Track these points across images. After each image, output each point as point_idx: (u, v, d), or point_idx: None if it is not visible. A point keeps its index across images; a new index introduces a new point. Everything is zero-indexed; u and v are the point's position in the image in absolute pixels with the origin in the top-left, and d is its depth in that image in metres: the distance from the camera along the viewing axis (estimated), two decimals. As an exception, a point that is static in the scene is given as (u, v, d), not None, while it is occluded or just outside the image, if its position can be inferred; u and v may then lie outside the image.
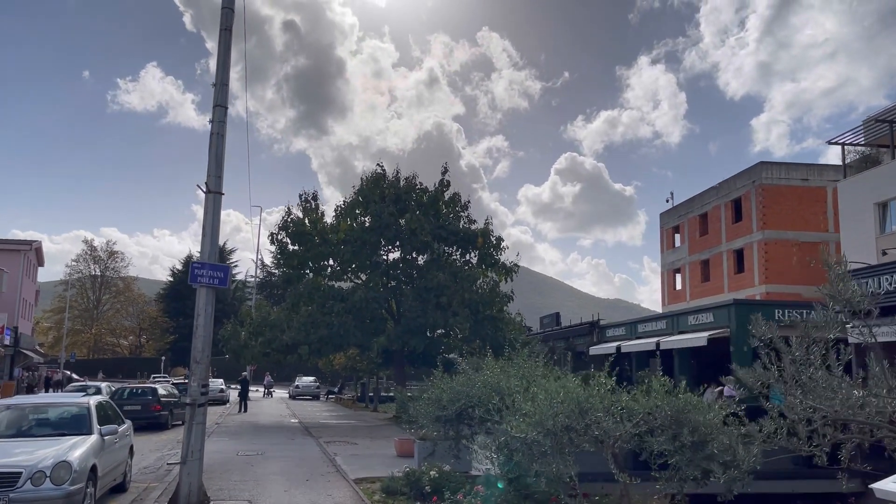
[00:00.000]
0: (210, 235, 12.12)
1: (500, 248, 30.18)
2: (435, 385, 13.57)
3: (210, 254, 12.11)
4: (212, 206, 12.20)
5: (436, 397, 13.18)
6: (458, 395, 12.60)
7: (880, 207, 37.79)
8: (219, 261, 12.33)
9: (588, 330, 40.48)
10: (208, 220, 12.16)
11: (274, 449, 20.54)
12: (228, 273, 12.11)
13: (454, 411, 12.59)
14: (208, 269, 11.99)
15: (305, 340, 26.94)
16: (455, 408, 12.53)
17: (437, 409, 13.03)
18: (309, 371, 58.74)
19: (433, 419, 13.16)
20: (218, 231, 12.27)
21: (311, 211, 29.89)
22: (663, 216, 59.34)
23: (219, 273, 12.08)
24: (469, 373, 13.55)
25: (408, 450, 17.93)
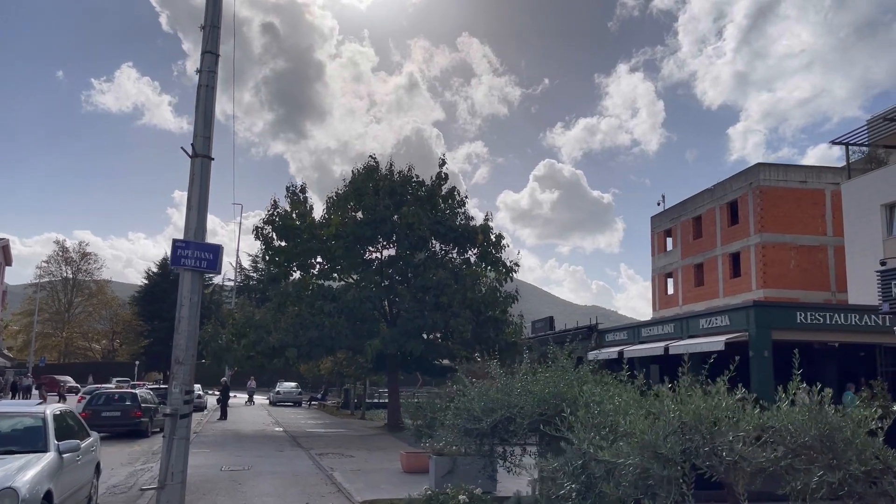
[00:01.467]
0: (197, 209, 9.81)
1: (501, 245, 28.02)
2: (464, 393, 11.32)
3: (197, 231, 9.79)
4: (199, 173, 9.89)
5: (465, 407, 10.93)
6: (496, 404, 10.38)
7: (888, 209, 36.23)
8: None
9: (586, 334, 38.39)
10: (195, 189, 9.85)
11: (262, 463, 18.14)
12: (220, 254, 9.81)
13: (489, 424, 10.36)
14: (194, 249, 9.67)
15: (294, 342, 24.53)
16: (491, 419, 10.31)
17: (466, 420, 10.80)
18: (291, 376, 56.06)
19: (462, 432, 10.93)
20: (206, 203, 9.95)
21: (299, 204, 27.49)
22: (654, 219, 57.64)
23: (207, 254, 9.76)
24: (503, 378, 11.34)
25: (417, 465, 15.65)
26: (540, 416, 10.01)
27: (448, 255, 28.89)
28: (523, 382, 10.56)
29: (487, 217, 28.27)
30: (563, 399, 10.02)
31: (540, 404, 10.03)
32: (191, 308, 9.64)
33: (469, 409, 10.83)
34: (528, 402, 10.04)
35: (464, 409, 10.95)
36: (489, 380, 15.31)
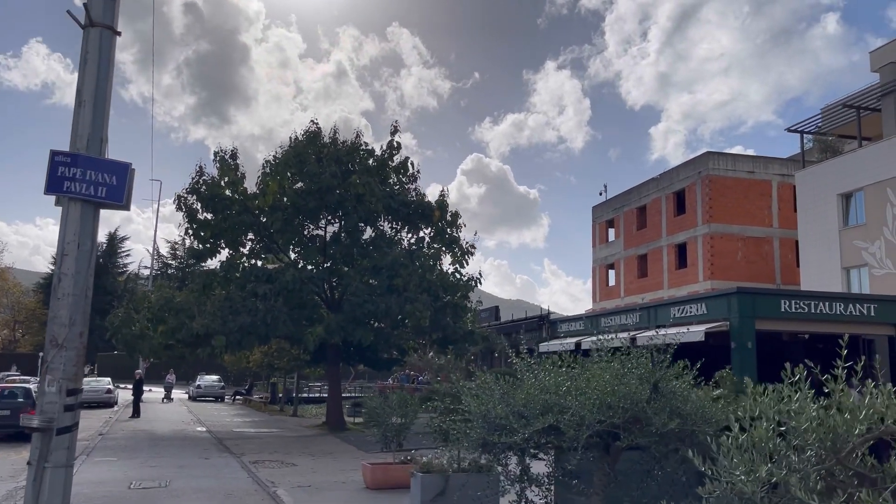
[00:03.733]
0: (92, 105, 6.17)
1: (458, 224, 24.77)
2: (485, 391, 7.96)
3: (91, 139, 6.14)
4: (97, 50, 6.24)
5: (482, 412, 7.62)
6: (540, 407, 7.12)
7: (844, 199, 34.83)
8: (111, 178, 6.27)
9: (537, 325, 35.69)
10: (89, 75, 6.20)
11: (183, 476, 14.36)
12: (129, 179, 6.19)
13: (526, 436, 7.09)
14: (87, 168, 6.04)
15: (222, 329, 20.62)
16: (531, 430, 7.03)
17: (486, 430, 7.50)
18: (213, 369, 51.34)
19: (478, 443, 7.62)
20: (107, 100, 6.32)
21: (230, 170, 23.48)
22: (596, 209, 55.65)
23: (108, 176, 6.13)
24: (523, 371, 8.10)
25: (386, 480, 12.26)
26: (605, 426, 6.86)
27: (398, 234, 25.48)
28: (575, 380, 7.35)
29: (443, 192, 24.98)
30: (635, 402, 6.89)
31: (603, 410, 6.86)
32: (79, 261, 6.01)
33: (490, 415, 7.54)
34: (587, 406, 6.84)
35: (481, 414, 7.65)
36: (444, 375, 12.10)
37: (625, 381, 7.01)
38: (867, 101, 34.33)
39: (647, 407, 6.88)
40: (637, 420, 6.97)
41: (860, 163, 33.49)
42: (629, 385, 6.96)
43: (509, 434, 7.22)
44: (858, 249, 33.43)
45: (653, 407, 6.91)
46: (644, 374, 7.14)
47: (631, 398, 6.89)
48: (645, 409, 6.89)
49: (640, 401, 6.90)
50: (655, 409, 6.87)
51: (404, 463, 12.49)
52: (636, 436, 6.81)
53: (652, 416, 6.79)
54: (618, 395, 6.89)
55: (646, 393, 6.98)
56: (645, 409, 6.89)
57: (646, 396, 6.96)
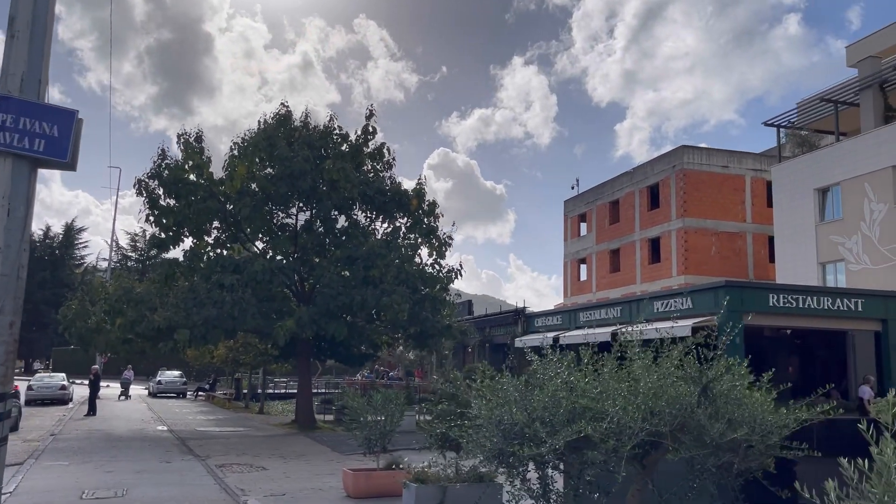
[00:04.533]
0: (27, 36, 4.89)
1: (436, 214, 23.58)
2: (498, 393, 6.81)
3: (28, 78, 4.84)
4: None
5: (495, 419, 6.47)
6: (574, 411, 6.00)
7: (820, 193, 34.49)
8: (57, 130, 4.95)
9: (512, 319, 34.71)
10: (24, 1, 4.94)
11: (142, 483, 12.98)
12: (74, 130, 4.91)
13: (553, 446, 5.97)
14: (21, 114, 4.77)
15: (185, 322, 19.16)
16: (562, 438, 5.92)
17: (503, 438, 6.37)
18: (174, 364, 49.41)
19: (493, 455, 6.48)
20: (48, 32, 5.04)
21: (195, 154, 21.96)
22: (568, 203, 54.94)
23: (47, 124, 4.86)
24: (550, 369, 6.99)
25: (370, 489, 11.06)
26: (648, 436, 5.77)
27: (373, 223, 24.23)
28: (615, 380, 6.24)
29: (421, 181, 23.77)
30: (685, 407, 5.82)
31: (647, 416, 5.78)
32: (9, 231, 4.71)
33: (505, 422, 6.40)
34: (630, 412, 5.75)
35: (493, 421, 6.51)
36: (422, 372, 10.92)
37: (673, 381, 5.94)
38: (844, 95, 34.00)
39: (700, 413, 5.82)
40: (683, 428, 5.91)
41: (838, 157, 33.13)
42: (678, 386, 5.89)
43: (533, 444, 6.09)
44: (835, 244, 33.08)
45: (705, 412, 5.85)
46: (693, 374, 6.07)
47: (680, 402, 5.82)
48: (696, 415, 5.82)
49: (689, 405, 5.84)
50: (708, 416, 5.81)
51: (390, 469, 11.34)
52: (688, 447, 5.72)
53: (706, 424, 5.72)
54: (665, 398, 5.82)
55: (694, 396, 5.92)
56: (696, 415, 5.82)
57: (695, 400, 5.90)
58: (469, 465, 8.97)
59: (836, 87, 34.39)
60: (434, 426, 8.71)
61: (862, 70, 32.82)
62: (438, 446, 8.83)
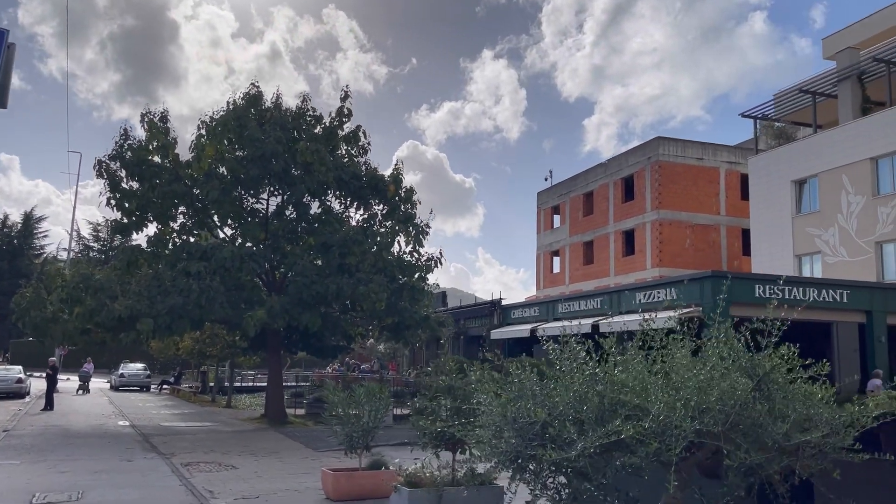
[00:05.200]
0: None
1: (413, 201, 22.61)
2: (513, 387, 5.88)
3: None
4: None
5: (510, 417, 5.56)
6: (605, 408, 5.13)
7: (797, 185, 34.26)
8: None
9: (488, 311, 33.88)
10: None
11: (100, 484, 11.85)
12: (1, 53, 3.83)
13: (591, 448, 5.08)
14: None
15: (149, 311, 17.94)
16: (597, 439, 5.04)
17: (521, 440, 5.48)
18: (138, 357, 47.75)
19: (510, 459, 5.57)
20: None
21: (159, 134, 20.68)
22: (541, 195, 54.35)
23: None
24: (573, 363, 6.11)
25: (352, 491, 10.10)
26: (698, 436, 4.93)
27: (347, 210, 23.18)
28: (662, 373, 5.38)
29: (398, 166, 22.77)
30: (739, 404, 4.97)
31: (695, 414, 4.93)
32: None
33: (522, 421, 5.51)
34: (678, 409, 4.88)
35: (508, 420, 5.61)
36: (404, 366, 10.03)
37: (722, 373, 5.08)
38: (822, 87, 33.78)
39: (759, 410, 4.97)
40: (736, 428, 5.06)
41: (815, 149, 32.90)
42: (731, 379, 5.04)
43: (558, 447, 5.20)
44: (812, 237, 32.89)
45: (762, 409, 5.01)
46: (744, 364, 5.23)
47: (734, 398, 4.97)
48: (752, 412, 4.98)
49: (744, 401, 4.99)
50: (766, 414, 4.97)
51: (373, 469, 10.40)
52: (747, 451, 4.86)
53: (767, 423, 4.88)
54: (716, 393, 4.96)
55: (749, 390, 5.07)
56: (752, 412, 4.98)
57: (750, 395, 5.06)
58: (466, 466, 8.09)
59: (814, 79, 34.15)
60: (425, 423, 7.78)
61: (840, 61, 32.58)
62: (433, 445, 7.91)
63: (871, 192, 29.94)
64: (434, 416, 7.73)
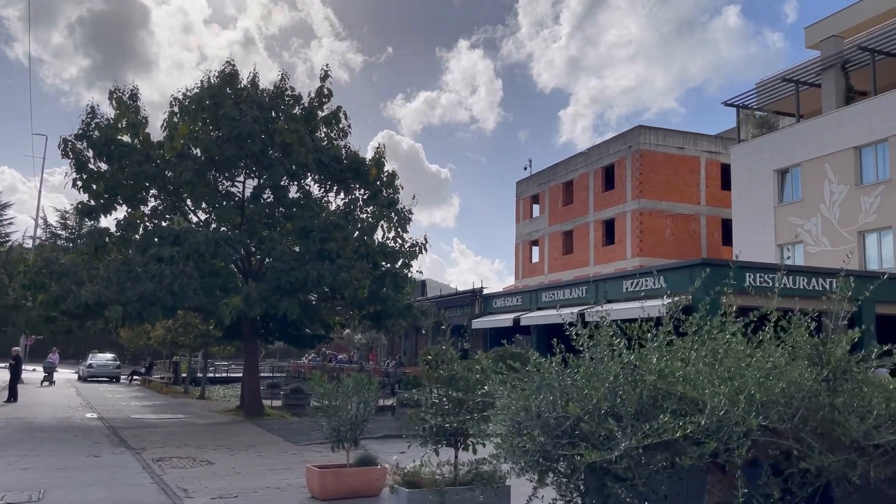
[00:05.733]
0: None
1: (395, 185, 21.78)
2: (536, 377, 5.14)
3: None
4: None
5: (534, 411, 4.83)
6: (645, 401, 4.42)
7: (780, 175, 34.01)
8: None
9: (469, 300, 33.21)
10: None
11: (64, 483, 10.94)
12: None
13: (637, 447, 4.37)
14: None
15: (118, 298, 16.95)
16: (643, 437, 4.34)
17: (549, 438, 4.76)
18: (107, 346, 46.36)
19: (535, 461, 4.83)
20: None
21: (129, 112, 19.60)
22: (520, 184, 53.79)
23: None
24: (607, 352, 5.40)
25: (339, 489, 9.33)
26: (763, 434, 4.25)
27: (327, 194, 22.30)
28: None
29: (380, 149, 21.90)
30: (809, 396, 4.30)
31: (758, 408, 4.25)
32: None
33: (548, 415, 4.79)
34: (739, 403, 4.19)
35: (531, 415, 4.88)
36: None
37: (787, 362, 4.41)
38: (805, 75, 33.50)
39: (828, 403, 4.30)
40: (804, 424, 4.40)
41: (798, 138, 32.64)
42: (799, 368, 4.36)
43: (592, 446, 4.48)
44: (794, 226, 32.66)
45: (831, 404, 4.34)
46: (812, 353, 4.56)
47: (803, 389, 4.29)
48: (823, 406, 4.31)
49: (814, 394, 4.31)
50: (840, 407, 4.31)
51: (362, 465, 9.64)
52: (821, 452, 4.19)
53: (845, 420, 4.21)
54: (783, 384, 4.28)
55: (820, 381, 4.40)
56: (823, 406, 4.31)
57: (821, 387, 4.38)
58: (468, 463, 7.37)
59: (798, 67, 33.87)
60: (426, 416, 7.04)
61: (824, 50, 32.29)
62: (433, 441, 7.16)
63: (855, 182, 29.75)
64: (435, 408, 6.98)
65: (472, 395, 7.04)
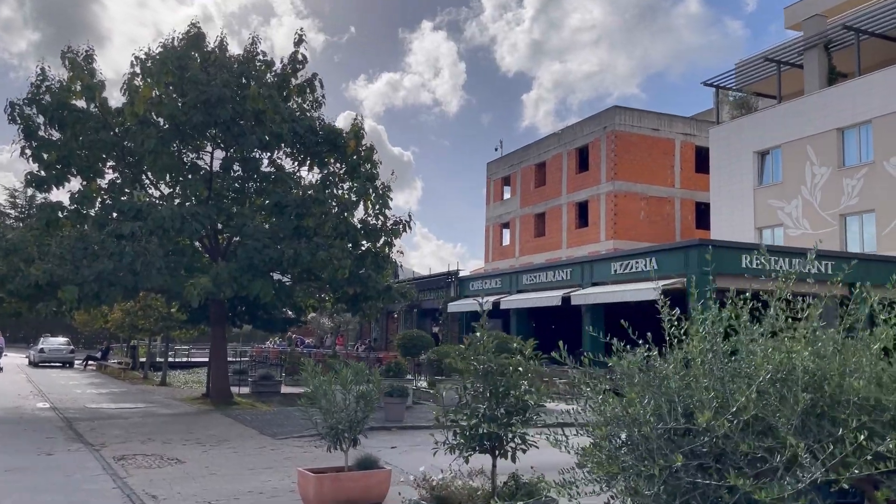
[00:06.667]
0: None
1: (373, 160, 20.31)
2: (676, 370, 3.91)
3: None
4: None
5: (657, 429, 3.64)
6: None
7: (759, 156, 33.39)
8: None
9: (444, 282, 31.95)
10: None
11: (12, 487, 9.40)
12: None
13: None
14: None
15: (73, 278, 15.29)
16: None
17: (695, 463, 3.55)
18: (60, 330, 43.99)
19: (679, 489, 3.60)
20: None
21: (84, 75, 17.77)
22: (491, 165, 52.59)
23: None
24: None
25: (339, 496, 8.03)
26: None
27: (300, 168, 20.76)
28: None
29: (357, 121, 20.38)
30: None
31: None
32: None
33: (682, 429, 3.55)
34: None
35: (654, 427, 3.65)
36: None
37: None
38: (787, 55, 32.84)
39: None
40: None
41: (780, 119, 32.01)
42: None
43: (739, 472, 3.27)
44: (774, 209, 32.11)
45: None
46: None
47: None
48: None
49: None
50: None
51: (364, 468, 8.36)
52: None
53: None
54: None
55: None
56: None
57: None
58: (507, 474, 6.14)
59: (779, 47, 33.19)
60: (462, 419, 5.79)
61: (807, 30, 31.60)
62: (468, 447, 5.90)
63: (837, 164, 29.22)
64: (472, 412, 5.73)
65: (515, 393, 5.81)
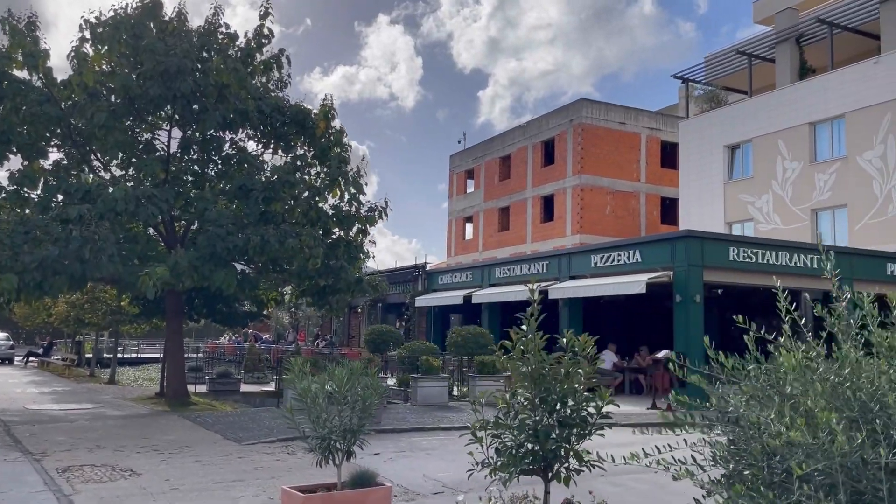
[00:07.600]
0: None
1: (344, 144, 18.94)
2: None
3: None
4: None
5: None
6: None
7: (730, 150, 32.98)
8: None
9: (411, 276, 30.65)
10: None
11: (-69, 513, 7.89)
12: None
13: None
14: None
15: (12, 266, 13.55)
16: None
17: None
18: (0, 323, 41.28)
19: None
20: None
21: (25, 42, 15.94)
22: (454, 158, 51.44)
23: None
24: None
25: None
26: None
27: (264, 151, 19.27)
28: None
29: (327, 101, 18.93)
30: None
31: None
32: None
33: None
34: None
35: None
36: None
37: None
38: (758, 49, 32.48)
39: None
40: None
41: (750, 113, 31.62)
42: None
43: None
44: (744, 203, 31.72)
45: None
46: None
47: None
48: None
49: None
50: None
51: (360, 486, 7.09)
52: None
53: None
54: None
55: None
56: None
57: None
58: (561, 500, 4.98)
59: (750, 40, 32.81)
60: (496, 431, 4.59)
61: (778, 23, 31.23)
62: (514, 468, 4.71)
63: (809, 159, 28.90)
64: (520, 423, 4.54)
65: (572, 401, 4.64)
